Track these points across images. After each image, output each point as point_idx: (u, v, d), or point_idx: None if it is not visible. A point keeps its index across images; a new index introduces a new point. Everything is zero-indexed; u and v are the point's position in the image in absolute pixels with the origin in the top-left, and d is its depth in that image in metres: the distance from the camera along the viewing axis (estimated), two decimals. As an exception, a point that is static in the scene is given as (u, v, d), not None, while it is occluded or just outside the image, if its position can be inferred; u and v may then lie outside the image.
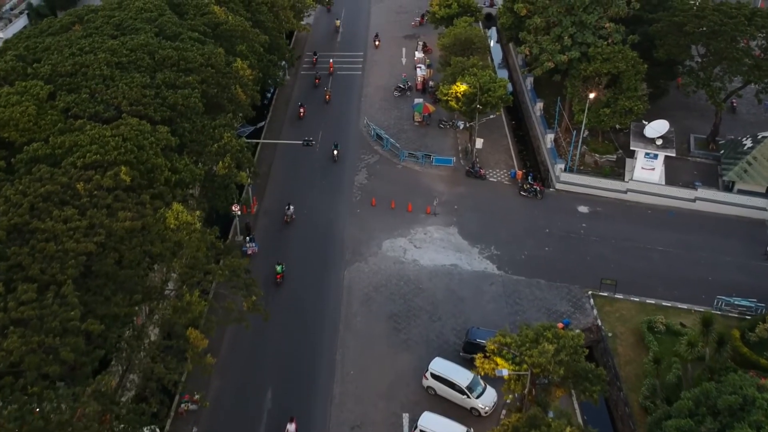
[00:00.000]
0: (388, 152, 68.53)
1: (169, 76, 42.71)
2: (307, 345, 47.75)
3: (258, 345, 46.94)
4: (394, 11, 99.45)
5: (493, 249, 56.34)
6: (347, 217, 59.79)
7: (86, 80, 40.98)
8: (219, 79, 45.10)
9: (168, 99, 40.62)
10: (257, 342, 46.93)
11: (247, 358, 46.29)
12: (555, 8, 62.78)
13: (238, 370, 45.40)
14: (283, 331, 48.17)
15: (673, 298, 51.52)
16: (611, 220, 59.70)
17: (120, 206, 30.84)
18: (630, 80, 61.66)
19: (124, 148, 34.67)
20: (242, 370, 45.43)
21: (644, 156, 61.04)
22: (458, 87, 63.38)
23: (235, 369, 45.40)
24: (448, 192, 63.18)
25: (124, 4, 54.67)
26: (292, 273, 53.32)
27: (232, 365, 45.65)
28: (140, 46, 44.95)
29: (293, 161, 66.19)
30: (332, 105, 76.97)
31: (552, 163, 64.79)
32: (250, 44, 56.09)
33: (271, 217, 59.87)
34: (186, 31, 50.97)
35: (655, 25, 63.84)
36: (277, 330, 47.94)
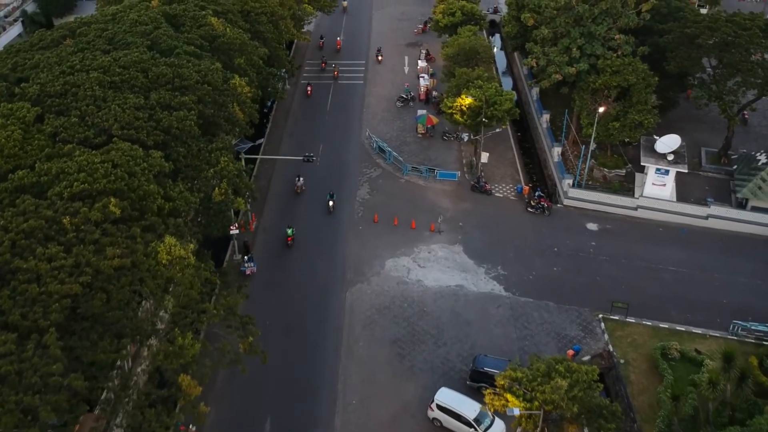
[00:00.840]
0: (391, 166, 66.54)
1: (163, 95, 40.59)
2: (308, 372, 45.72)
3: (256, 372, 44.87)
4: (396, 18, 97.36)
5: (499, 269, 54.35)
6: (349, 234, 57.80)
7: (76, 101, 38.87)
8: (216, 97, 43.02)
9: (162, 122, 38.49)
10: (255, 369, 44.94)
11: (245, 386, 44.16)
12: (563, 19, 60.74)
13: (236, 398, 43.39)
14: (283, 357, 46.11)
15: (686, 321, 49.52)
16: (621, 238, 57.68)
17: (108, 241, 28.82)
18: (640, 93, 59.63)
19: (114, 175, 32.58)
20: (240, 398, 43.41)
21: (655, 172, 59.03)
22: (463, 100, 61.36)
23: (233, 397, 43.40)
24: (452, 208, 61.18)
25: (119, 16, 52.55)
26: (292, 293, 51.34)
27: (229, 394, 43.63)
28: (133, 63, 42.80)
29: (293, 176, 64.16)
30: (333, 116, 74.92)
31: (559, 178, 62.77)
32: (248, 57, 54.09)
33: (271, 234, 57.85)
34: (182, 45, 48.87)
35: (666, 36, 61.78)
36: (276, 356, 45.88)
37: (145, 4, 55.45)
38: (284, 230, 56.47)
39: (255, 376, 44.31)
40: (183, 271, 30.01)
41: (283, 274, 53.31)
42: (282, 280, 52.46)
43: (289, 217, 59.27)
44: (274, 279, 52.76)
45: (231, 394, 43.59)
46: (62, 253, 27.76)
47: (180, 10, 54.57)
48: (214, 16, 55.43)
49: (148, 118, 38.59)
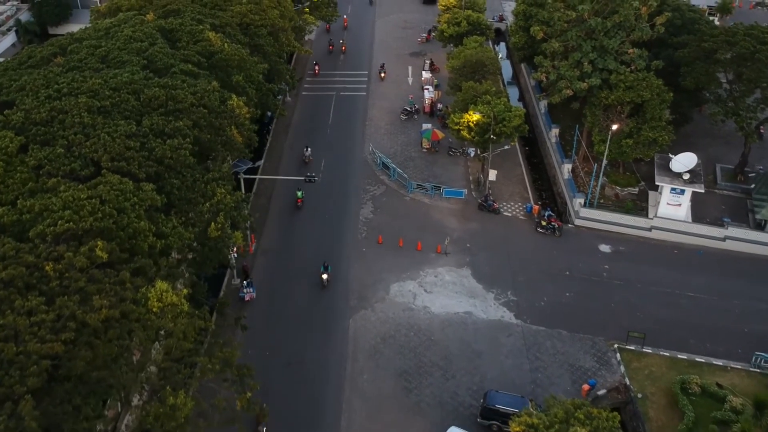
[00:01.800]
0: (395, 183, 64.04)
1: (156, 121, 37.98)
2: (310, 407, 43.17)
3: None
4: (399, 26, 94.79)
5: (509, 294, 51.86)
6: (352, 256, 55.29)
7: (63, 129, 36.13)
8: (212, 120, 40.46)
9: (155, 151, 35.84)
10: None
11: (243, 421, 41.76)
12: (574, 32, 58.19)
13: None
14: (283, 391, 43.71)
15: (706, 352, 47.04)
16: (635, 261, 55.16)
17: (95, 289, 26.35)
18: (654, 109, 57.07)
19: (102, 212, 30.02)
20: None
21: (670, 191, 56.55)
22: (471, 116, 58.88)
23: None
24: (459, 228, 58.69)
25: (112, 32, 49.99)
26: (294, 321, 48.91)
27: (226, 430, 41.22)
28: (125, 85, 40.15)
29: (294, 193, 61.68)
30: (335, 129, 72.42)
31: (570, 197, 60.27)
32: (247, 74, 51.59)
33: (271, 256, 55.39)
34: (178, 63, 46.30)
35: (681, 50, 59.25)
36: (276, 389, 43.51)
37: (140, 18, 52.90)
38: (286, 250, 54.17)
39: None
40: (175, 321, 27.59)
41: (284, 299, 50.84)
42: (283, 307, 49.99)
43: (291, 237, 56.91)
44: (275, 305, 50.30)
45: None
46: (44, 305, 25.28)
47: (176, 25, 52.00)
48: (212, 31, 52.89)
49: (140, 147, 35.94)
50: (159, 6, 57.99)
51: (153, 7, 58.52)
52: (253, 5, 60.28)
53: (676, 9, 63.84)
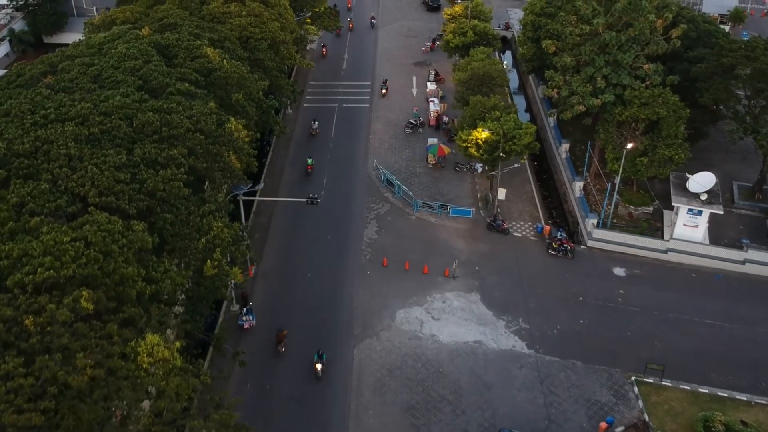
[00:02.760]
0: (400, 200, 61.60)
1: (149, 150, 35.47)
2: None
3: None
4: (403, 35, 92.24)
5: (521, 321, 49.43)
6: (356, 280, 52.85)
7: (48, 162, 33.46)
8: (209, 146, 37.99)
9: (147, 183, 33.40)
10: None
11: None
12: (588, 46, 55.72)
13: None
14: (284, 428, 41.38)
15: (729, 385, 44.60)
16: (652, 286, 52.69)
17: (79, 346, 23.88)
18: (671, 126, 54.61)
19: (87, 257, 27.52)
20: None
21: (687, 212, 54.10)
22: (479, 133, 56.44)
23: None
24: (467, 249, 56.23)
25: (106, 48, 47.50)
26: (295, 352, 46.52)
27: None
28: (116, 109, 37.60)
29: (295, 211, 59.31)
30: (338, 143, 69.99)
31: (582, 217, 57.82)
32: (247, 91, 49.17)
33: (272, 280, 52.96)
34: (174, 82, 43.82)
35: (698, 65, 56.77)
36: (276, 426, 41.20)
37: (134, 33, 50.40)
38: (287, 273, 51.89)
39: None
40: (167, 378, 25.20)
41: (284, 327, 48.41)
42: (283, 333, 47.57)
43: (293, 259, 54.52)
44: (274, 334, 47.86)
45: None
46: (22, 367, 22.89)
47: (173, 40, 49.48)
48: (210, 46, 50.41)
49: (131, 179, 33.37)
50: (155, 19, 55.53)
51: (149, 20, 56.09)
52: (253, 18, 57.82)
53: (691, 20, 61.36)
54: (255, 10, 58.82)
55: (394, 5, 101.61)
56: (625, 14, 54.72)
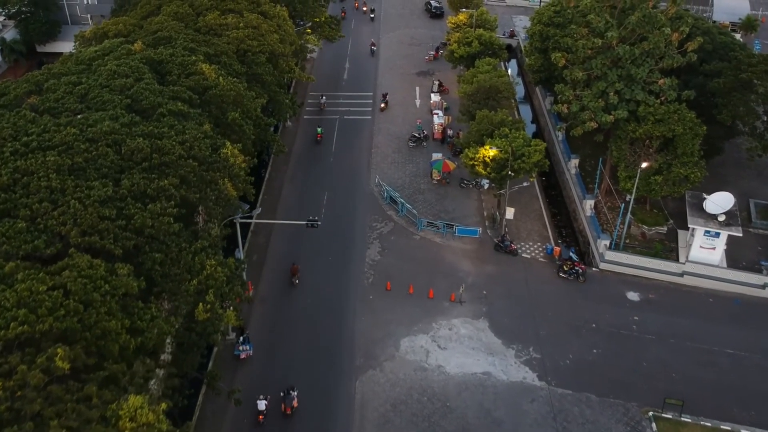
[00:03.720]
0: (404, 219, 59.02)
1: (137, 181, 32.80)
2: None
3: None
4: (406, 43, 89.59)
5: (531, 351, 46.87)
6: (358, 305, 50.29)
7: (27, 196, 30.77)
8: (202, 174, 35.38)
9: (134, 219, 30.79)
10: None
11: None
12: (599, 60, 53.12)
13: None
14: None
15: (751, 422, 42.04)
16: (667, 312, 50.11)
17: (53, 412, 21.42)
18: (686, 144, 52.03)
19: (65, 308, 24.89)
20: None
21: (704, 234, 51.56)
22: (487, 151, 53.88)
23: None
24: (474, 272, 53.65)
25: (95, 65, 44.92)
26: (293, 384, 43.99)
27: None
28: (104, 135, 35.01)
29: (295, 230, 56.73)
30: (339, 157, 67.40)
31: (594, 237, 55.24)
32: (244, 109, 46.63)
33: (270, 305, 50.39)
34: (166, 102, 41.26)
35: (716, 80, 54.18)
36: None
37: (126, 48, 47.80)
38: (286, 298, 49.54)
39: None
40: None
41: (283, 357, 45.89)
42: (282, 367, 45.04)
43: (292, 283, 52.03)
44: (274, 365, 45.34)
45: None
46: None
47: (166, 56, 46.89)
48: (206, 62, 47.82)
49: (117, 214, 30.78)
50: (149, 32, 52.93)
51: (143, 33, 53.50)
52: (251, 30, 55.18)
53: (706, 32, 58.73)
54: (253, 22, 56.22)
55: (396, 12, 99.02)
56: (639, 27, 52.14)
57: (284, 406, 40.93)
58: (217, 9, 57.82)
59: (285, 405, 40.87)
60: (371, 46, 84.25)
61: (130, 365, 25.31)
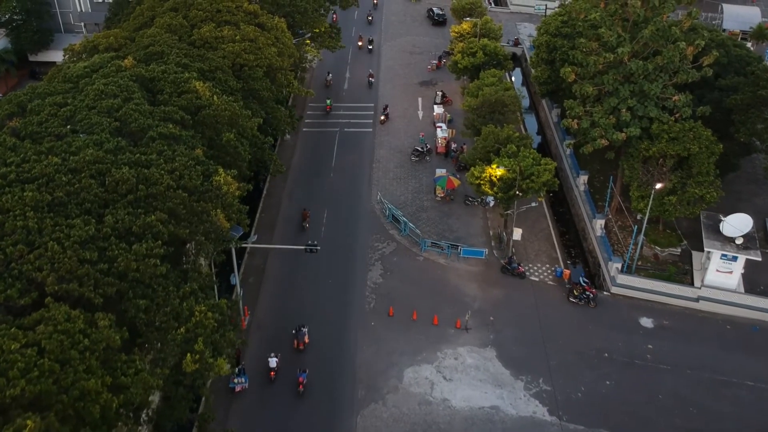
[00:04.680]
0: (407, 239, 56.57)
1: (122, 217, 30.27)
2: None
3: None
4: (407, 51, 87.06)
5: (541, 382, 44.43)
6: (359, 332, 47.84)
7: (1, 238, 28.38)
8: (193, 205, 32.89)
9: (117, 263, 28.30)
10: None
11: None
12: (611, 75, 50.65)
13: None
14: None
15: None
16: (682, 339, 47.68)
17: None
18: (702, 163, 49.71)
19: (40, 368, 22.41)
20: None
21: (720, 257, 49.13)
22: (493, 170, 51.43)
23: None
24: (480, 296, 51.23)
25: (82, 84, 42.42)
26: (292, 421, 41.59)
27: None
28: (87, 165, 32.54)
29: (294, 250, 54.29)
30: (339, 173, 64.94)
31: (605, 259, 52.79)
32: (240, 129, 44.20)
33: (267, 332, 47.94)
34: (156, 124, 38.81)
35: (733, 97, 51.73)
36: None
37: (116, 64, 45.30)
38: (284, 324, 47.15)
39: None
40: None
41: (281, 389, 43.50)
42: (279, 401, 42.65)
43: (290, 307, 49.57)
44: (270, 399, 42.97)
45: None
46: None
47: (158, 72, 44.40)
48: (200, 79, 45.33)
49: (98, 257, 28.30)
50: (141, 46, 50.42)
51: (134, 47, 50.98)
52: (247, 43, 52.68)
53: (721, 45, 56.26)
54: (249, 35, 53.71)
55: (397, 20, 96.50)
56: (653, 41, 49.65)
57: (296, 342, 45.53)
58: (213, 21, 55.31)
59: (297, 341, 45.54)
60: (369, 78, 79.73)
61: (112, 427, 22.90)
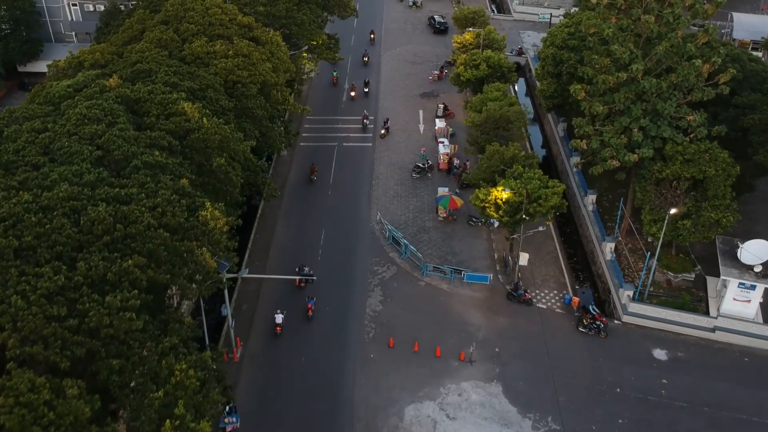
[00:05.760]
0: (407, 262, 53.86)
1: (96, 263, 27.43)
2: None
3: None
4: (408, 61, 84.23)
5: (550, 421, 41.69)
6: (358, 365, 45.10)
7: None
8: (176, 245, 30.10)
9: (89, 316, 25.53)
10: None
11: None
12: (623, 93, 47.94)
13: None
14: None
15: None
16: (698, 373, 44.97)
17: None
18: (718, 186, 47.07)
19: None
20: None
21: (738, 286, 46.43)
22: (499, 193, 48.70)
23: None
24: (485, 325, 48.51)
25: (64, 106, 39.66)
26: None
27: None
28: (61, 202, 29.88)
29: (289, 272, 51.61)
30: (337, 190, 62.17)
31: (616, 286, 50.10)
32: (231, 153, 41.50)
33: (260, 365, 45.25)
34: (141, 151, 36.10)
35: (751, 116, 49.00)
36: None
37: (101, 83, 42.57)
38: (278, 356, 44.62)
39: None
40: None
41: (275, 429, 40.83)
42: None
43: (286, 339, 46.89)
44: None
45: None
46: None
47: (145, 93, 41.66)
48: (189, 99, 42.60)
49: (68, 311, 25.53)
50: (128, 63, 47.67)
51: (121, 64, 48.22)
52: (241, 59, 49.94)
53: (736, 59, 53.54)
54: (243, 50, 50.95)
55: (397, 27, 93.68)
56: (667, 58, 46.95)
57: (298, 281, 50.02)
58: (205, 34, 52.54)
59: (300, 280, 50.00)
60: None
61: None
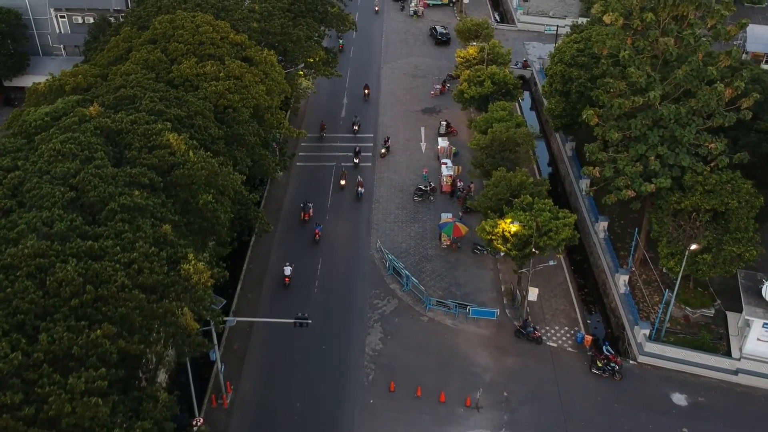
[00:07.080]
0: (409, 295, 50.73)
1: (60, 335, 24.15)
2: None
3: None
4: (409, 74, 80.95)
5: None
6: (356, 412, 41.94)
7: None
8: (153, 308, 26.87)
9: (48, 404, 22.33)
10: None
11: None
12: (639, 119, 44.79)
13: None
14: None
15: None
16: (722, 421, 41.75)
17: None
18: (741, 219, 43.94)
19: None
20: None
21: (762, 326, 43.29)
22: (506, 225, 45.54)
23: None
24: (493, 366, 45.37)
25: (38, 140, 36.46)
26: None
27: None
28: (26, 260, 26.72)
29: (283, 310, 48.47)
30: (335, 214, 59.02)
31: (631, 323, 46.97)
32: (219, 189, 38.37)
33: (251, 412, 42.16)
34: (119, 191, 32.95)
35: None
36: None
37: (80, 112, 39.40)
38: (270, 404, 41.50)
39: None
40: None
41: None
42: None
43: (279, 382, 43.80)
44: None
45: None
46: None
47: (127, 123, 38.46)
48: (175, 129, 39.42)
49: (24, 397, 22.33)
50: (111, 88, 44.48)
51: (104, 88, 45.02)
52: (232, 81, 46.76)
53: (756, 80, 50.29)
54: (235, 71, 47.74)
55: (398, 38, 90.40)
56: (687, 82, 43.77)
57: (303, 213, 56.72)
58: (195, 54, 49.33)
59: (303, 213, 56.87)
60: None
61: None
